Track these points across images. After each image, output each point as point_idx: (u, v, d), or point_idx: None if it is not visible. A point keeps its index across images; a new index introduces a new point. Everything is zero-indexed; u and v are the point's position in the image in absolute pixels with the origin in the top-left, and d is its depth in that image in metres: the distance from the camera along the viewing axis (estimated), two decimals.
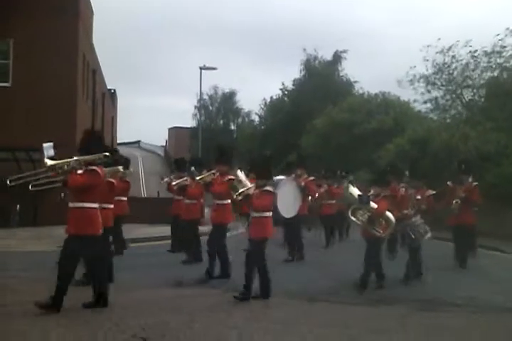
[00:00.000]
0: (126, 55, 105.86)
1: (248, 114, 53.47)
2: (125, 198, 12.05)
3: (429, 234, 9.49)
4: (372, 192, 9.21)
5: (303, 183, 11.64)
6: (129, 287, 8.49)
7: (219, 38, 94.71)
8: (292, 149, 34.94)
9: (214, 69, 31.51)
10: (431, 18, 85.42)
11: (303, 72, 41.82)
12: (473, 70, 25.61)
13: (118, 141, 49.22)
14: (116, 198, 11.43)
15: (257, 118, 49.05)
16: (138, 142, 67.69)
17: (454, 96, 26.69)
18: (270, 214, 8.12)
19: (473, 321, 7.19)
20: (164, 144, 62.05)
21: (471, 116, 25.25)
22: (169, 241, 13.84)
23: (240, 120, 55.20)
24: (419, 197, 9.88)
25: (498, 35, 23.94)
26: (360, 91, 39.04)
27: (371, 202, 8.89)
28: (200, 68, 30.93)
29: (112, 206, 8.59)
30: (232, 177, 9.30)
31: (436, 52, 25.94)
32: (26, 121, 18.30)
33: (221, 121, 55.31)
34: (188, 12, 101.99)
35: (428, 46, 25.94)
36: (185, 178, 11.73)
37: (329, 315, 7.19)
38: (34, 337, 5.79)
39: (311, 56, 41.47)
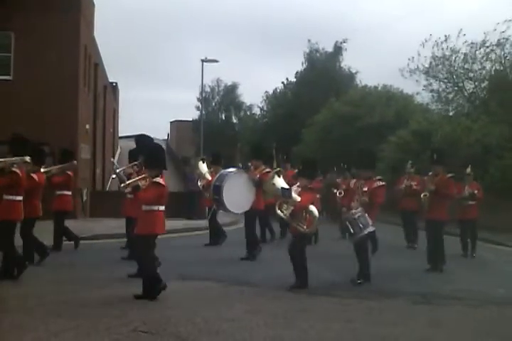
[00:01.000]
0: (128, 48, 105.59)
1: (250, 107, 53.42)
2: (68, 192, 11.47)
3: (369, 229, 8.64)
4: (298, 184, 8.52)
5: (258, 176, 10.49)
6: (131, 281, 8.50)
7: (221, 30, 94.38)
8: (294, 142, 34.95)
9: (216, 61, 31.36)
10: (433, 10, 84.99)
11: (305, 65, 41.78)
12: (472, 63, 25.55)
13: (119, 135, 49.18)
14: (58, 192, 11.33)
15: (258, 111, 49.03)
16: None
17: (456, 88, 26.63)
18: (161, 208, 7.55)
19: (474, 314, 7.21)
20: (166, 137, 62.04)
21: (473, 109, 25.21)
22: (173, 236, 13.95)
23: (241, 113, 55.12)
24: (365, 188, 8.91)
25: (498, 23, 23.92)
26: (362, 83, 38.98)
27: (294, 195, 8.20)
28: (202, 61, 30.80)
29: (18, 198, 8.31)
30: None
31: (433, 46, 25.96)
32: (27, 114, 18.26)
33: (223, 115, 55.23)
34: (191, 5, 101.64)
35: (425, 42, 25.95)
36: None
37: (330, 308, 7.20)
38: (34, 330, 5.81)
39: (313, 48, 41.43)
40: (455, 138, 21.85)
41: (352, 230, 8.70)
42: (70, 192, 11.54)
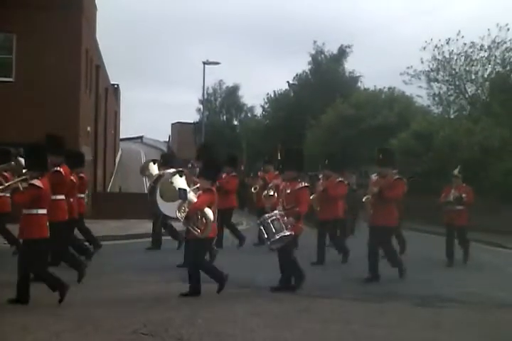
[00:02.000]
0: (130, 50, 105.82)
1: (251, 108, 53.44)
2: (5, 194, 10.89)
3: (283, 233, 7.92)
4: (198, 185, 8.08)
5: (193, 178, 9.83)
6: (132, 282, 8.52)
7: (223, 32, 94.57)
8: (296, 143, 34.94)
9: (217, 63, 31.43)
10: (434, 12, 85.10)
11: (310, 66, 41.82)
12: (472, 65, 25.60)
13: (121, 136, 49.25)
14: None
15: (260, 113, 49.03)
16: (141, 137, 67.71)
17: (457, 91, 26.65)
18: (40, 211, 6.98)
19: (476, 317, 7.19)
20: (167, 139, 62.04)
21: (474, 112, 25.23)
22: None
23: (243, 115, 55.14)
24: (288, 190, 8.38)
25: (488, 29, 24.14)
26: (365, 86, 39.03)
27: (190, 197, 7.80)
28: (204, 63, 30.87)
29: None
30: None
31: (434, 49, 26.01)
32: (29, 116, 18.29)
33: (224, 116, 55.26)
34: (192, 6, 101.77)
35: (426, 44, 26.02)
36: None
37: (330, 310, 7.20)
38: (37, 331, 5.82)
39: (318, 50, 41.47)
40: (456, 140, 21.86)
41: (265, 234, 8.09)
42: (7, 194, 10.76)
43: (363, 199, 9.54)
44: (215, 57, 43.63)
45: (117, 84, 40.75)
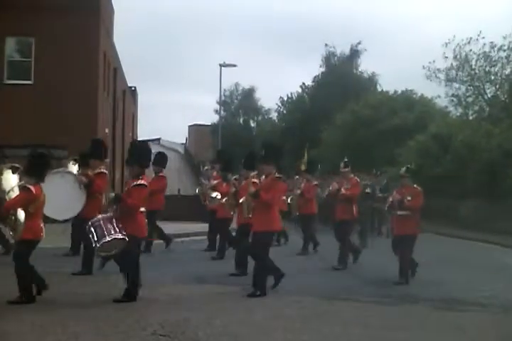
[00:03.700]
0: (147, 52, 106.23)
1: (268, 111, 53.46)
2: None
3: (106, 239, 7.12)
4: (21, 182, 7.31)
5: (84, 178, 9.37)
6: (150, 284, 8.51)
7: (240, 34, 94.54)
8: (311, 146, 34.82)
9: (234, 66, 31.46)
10: (453, 12, 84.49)
11: (322, 68, 41.74)
12: (491, 66, 25.36)
13: (138, 138, 49.42)
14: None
15: (275, 115, 49.03)
16: (158, 139, 67.90)
17: (476, 92, 26.41)
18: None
19: (496, 321, 7.09)
20: (184, 141, 62.22)
21: (493, 113, 24.98)
22: (187, 239, 14.00)
23: (259, 117, 55.18)
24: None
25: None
26: (381, 87, 38.87)
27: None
28: (220, 65, 30.91)
29: None
30: None
31: (454, 49, 25.80)
32: (48, 118, 18.45)
33: (241, 119, 55.32)
34: (209, 9, 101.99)
35: (448, 43, 25.78)
36: None
37: (349, 313, 7.13)
38: (54, 331, 5.83)
39: (330, 52, 41.38)
40: (475, 142, 21.65)
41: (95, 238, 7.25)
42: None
43: (240, 201, 8.83)
44: (231, 59, 43.81)
45: (135, 87, 40.93)
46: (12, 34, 19.45)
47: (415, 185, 9.47)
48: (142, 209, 7.53)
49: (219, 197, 11.12)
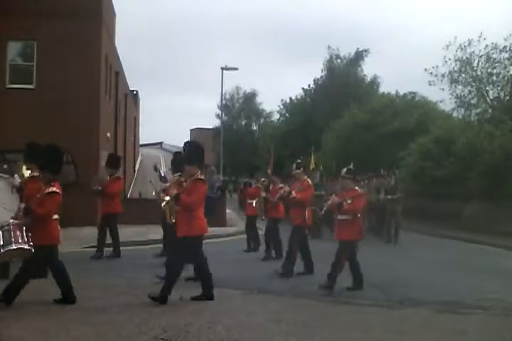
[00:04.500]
0: (149, 56, 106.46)
1: (270, 114, 53.54)
2: None
3: (12, 246, 6.84)
4: None
5: (17, 182, 9.24)
6: (152, 287, 8.51)
7: (241, 38, 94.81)
8: (314, 148, 34.85)
9: (235, 69, 31.50)
10: (456, 15, 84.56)
11: (325, 71, 41.78)
12: (494, 67, 25.33)
13: (140, 142, 49.48)
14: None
15: (277, 118, 49.13)
16: (160, 143, 68.08)
17: (479, 94, 26.36)
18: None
19: (498, 324, 7.08)
20: None
21: (495, 115, 24.94)
22: None
23: (261, 120, 55.24)
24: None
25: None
26: (383, 90, 38.93)
27: None
28: (222, 68, 30.96)
29: None
30: None
31: (456, 50, 25.76)
32: (50, 122, 18.46)
33: (243, 122, 55.39)
34: (211, 13, 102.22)
35: (448, 46, 25.77)
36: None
37: (352, 317, 7.13)
38: (57, 336, 5.83)
39: (333, 54, 41.44)
40: (477, 144, 21.61)
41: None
42: None
43: (162, 205, 8.66)
44: (233, 62, 43.85)
45: (136, 91, 41.04)
46: (14, 38, 19.47)
47: (357, 188, 8.89)
48: (55, 216, 7.32)
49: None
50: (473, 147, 21.67)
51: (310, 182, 10.40)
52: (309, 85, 43.70)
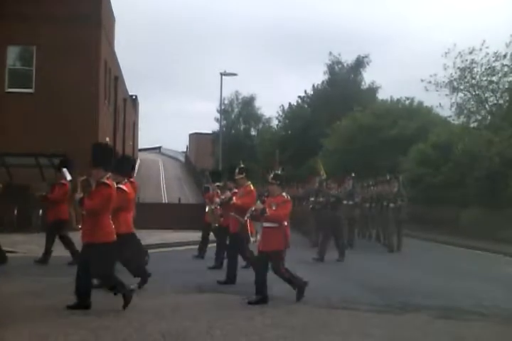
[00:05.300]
0: (148, 61, 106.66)
1: (269, 119, 53.66)
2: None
3: None
4: None
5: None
6: (150, 292, 8.50)
7: (240, 43, 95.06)
8: (311, 154, 34.93)
9: (234, 75, 31.56)
10: (456, 22, 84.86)
11: (326, 76, 41.95)
12: (493, 75, 25.38)
13: (139, 147, 49.51)
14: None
15: (276, 123, 49.24)
16: (159, 148, 68.14)
17: (478, 100, 26.39)
18: None
19: (496, 330, 7.06)
20: (185, 150, 62.40)
21: (494, 122, 24.98)
22: (190, 247, 13.93)
23: (260, 125, 55.35)
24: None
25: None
26: (383, 96, 39.06)
27: None
28: (221, 74, 31.02)
29: None
30: None
31: (456, 57, 25.80)
32: (49, 127, 18.50)
33: (242, 127, 55.49)
34: (211, 18, 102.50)
35: (446, 53, 25.82)
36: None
37: (349, 322, 7.10)
38: (55, 340, 5.82)
39: (334, 60, 41.61)
40: (476, 150, 21.65)
41: None
42: None
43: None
44: (232, 68, 43.96)
45: (135, 95, 41.12)
46: (13, 43, 19.55)
47: (284, 194, 8.23)
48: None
49: None
50: (472, 153, 21.71)
51: (252, 188, 9.59)
52: (305, 91, 43.87)
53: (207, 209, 12.09)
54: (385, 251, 15.38)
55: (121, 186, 8.37)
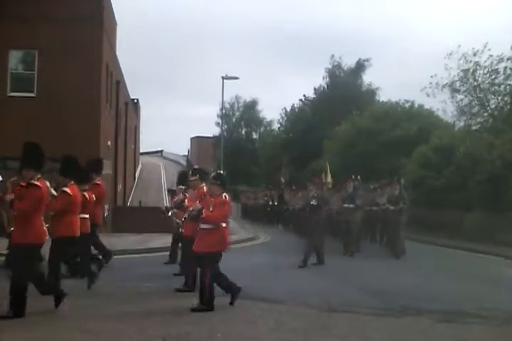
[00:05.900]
0: (150, 65, 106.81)
1: (270, 122, 53.73)
2: None
3: None
4: None
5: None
6: (151, 296, 8.50)
7: (241, 46, 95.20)
8: (313, 157, 34.98)
9: (236, 78, 31.55)
10: (458, 23, 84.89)
11: (326, 79, 42.02)
12: (495, 77, 25.35)
13: (141, 151, 49.54)
14: None
15: (277, 126, 49.33)
16: (160, 151, 68.19)
17: (480, 103, 26.36)
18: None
19: (497, 333, 7.05)
20: (186, 153, 62.43)
21: (496, 124, 24.95)
22: None
23: (262, 129, 55.43)
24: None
25: None
26: (384, 99, 39.06)
27: None
28: (223, 78, 31.01)
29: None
30: None
31: (459, 59, 25.76)
32: (51, 131, 18.50)
33: (243, 130, 55.56)
34: (212, 22, 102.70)
35: (449, 54, 25.77)
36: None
37: (349, 326, 7.10)
38: None
39: (335, 64, 41.68)
40: (477, 153, 21.62)
41: None
42: None
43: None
44: (233, 71, 43.98)
45: (137, 99, 41.15)
46: (15, 47, 19.55)
47: (224, 194, 7.86)
48: None
49: None
50: (474, 156, 21.68)
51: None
52: (304, 95, 44.00)
53: (170, 213, 11.50)
54: (386, 254, 15.37)
55: (65, 189, 8.25)
